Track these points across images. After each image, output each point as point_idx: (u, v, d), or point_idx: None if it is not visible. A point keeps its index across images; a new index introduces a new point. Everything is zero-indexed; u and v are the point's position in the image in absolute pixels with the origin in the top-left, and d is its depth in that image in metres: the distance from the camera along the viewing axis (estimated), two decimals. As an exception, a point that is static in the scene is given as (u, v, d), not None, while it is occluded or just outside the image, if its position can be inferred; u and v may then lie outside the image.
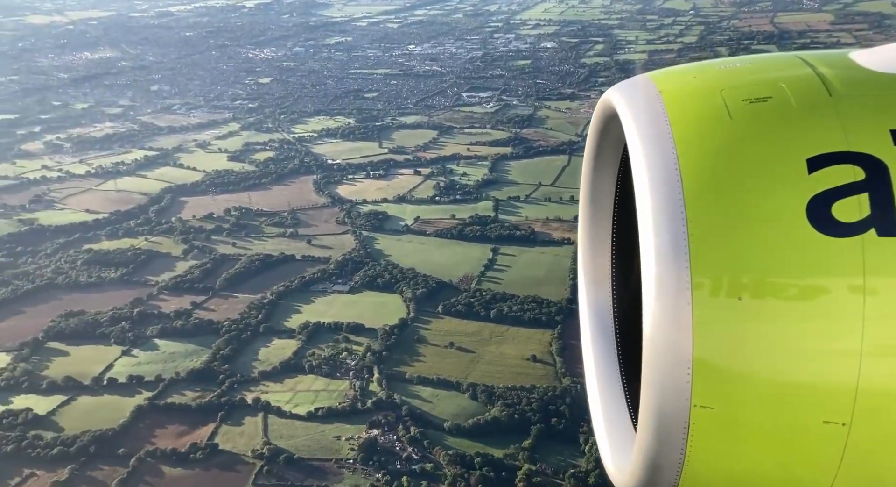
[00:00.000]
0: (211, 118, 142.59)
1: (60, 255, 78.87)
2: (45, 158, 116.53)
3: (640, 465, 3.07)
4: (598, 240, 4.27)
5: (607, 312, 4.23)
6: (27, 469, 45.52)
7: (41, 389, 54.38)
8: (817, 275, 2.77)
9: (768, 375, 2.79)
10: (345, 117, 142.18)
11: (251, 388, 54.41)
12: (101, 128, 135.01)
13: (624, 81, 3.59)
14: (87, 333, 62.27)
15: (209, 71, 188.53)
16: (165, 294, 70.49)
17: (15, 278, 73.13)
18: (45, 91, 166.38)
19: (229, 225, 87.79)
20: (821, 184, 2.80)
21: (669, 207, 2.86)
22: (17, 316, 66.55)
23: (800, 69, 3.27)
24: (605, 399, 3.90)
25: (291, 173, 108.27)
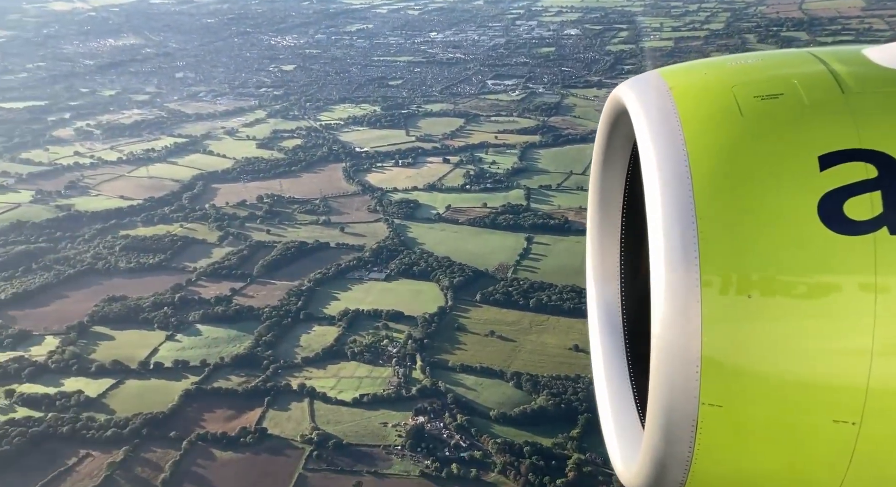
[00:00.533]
0: (237, 105, 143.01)
1: (98, 240, 79.86)
2: (76, 144, 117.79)
3: (648, 463, 3.03)
4: (607, 237, 4.23)
5: (615, 309, 4.19)
6: (83, 450, 46.43)
7: (90, 372, 55.31)
8: (828, 273, 2.73)
9: (777, 373, 2.75)
10: (370, 105, 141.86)
11: (295, 374, 54.88)
12: (129, 115, 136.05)
13: (634, 77, 3.55)
14: (130, 318, 63.11)
15: (233, 58, 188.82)
16: (204, 281, 71.14)
17: (56, 263, 74.22)
18: (73, 78, 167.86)
19: (262, 212, 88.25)
20: (832, 181, 2.76)
21: (679, 203, 2.82)
22: (62, 300, 67.62)
23: (812, 66, 3.22)
24: (613, 397, 3.87)
25: (320, 161, 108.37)
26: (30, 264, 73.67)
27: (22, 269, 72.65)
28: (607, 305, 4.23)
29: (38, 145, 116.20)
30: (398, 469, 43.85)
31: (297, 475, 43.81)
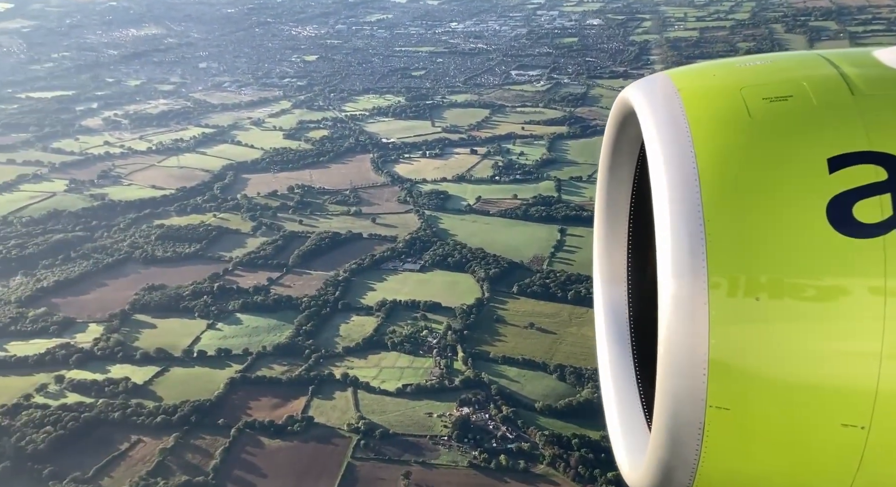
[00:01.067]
0: (261, 96, 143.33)
1: (134, 230, 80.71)
2: (105, 134, 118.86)
3: (654, 465, 3.00)
4: (614, 238, 4.20)
5: (622, 310, 4.15)
6: (134, 436, 47.17)
7: (135, 359, 56.07)
8: (837, 276, 2.70)
9: (785, 376, 2.72)
10: (394, 96, 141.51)
11: (336, 363, 55.22)
12: (155, 104, 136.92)
13: (642, 79, 3.50)
14: (170, 306, 63.80)
15: (255, 48, 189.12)
16: (240, 270, 71.69)
17: (94, 252, 75.15)
18: (98, 68, 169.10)
19: (294, 203, 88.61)
20: (842, 184, 2.73)
21: (686, 205, 2.79)
22: (102, 288, 68.52)
23: (822, 68, 3.19)
24: (620, 398, 3.84)
25: (348, 152, 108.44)
26: (68, 253, 74.67)
27: (61, 257, 73.67)
28: (614, 306, 4.20)
29: (68, 135, 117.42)
30: (446, 460, 44.03)
31: (345, 463, 44.17)
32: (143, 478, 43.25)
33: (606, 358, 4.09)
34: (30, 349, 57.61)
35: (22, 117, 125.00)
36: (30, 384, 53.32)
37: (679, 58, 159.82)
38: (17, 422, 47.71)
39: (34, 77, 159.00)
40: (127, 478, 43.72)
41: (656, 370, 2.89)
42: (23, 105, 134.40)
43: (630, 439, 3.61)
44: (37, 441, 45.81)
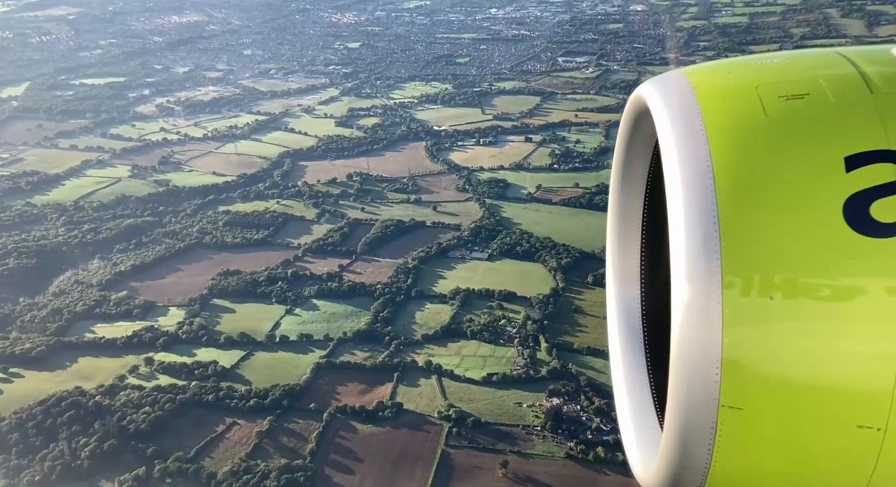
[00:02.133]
0: (308, 83, 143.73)
1: (200, 215, 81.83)
2: (160, 120, 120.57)
3: (666, 465, 2.95)
4: (628, 236, 4.12)
5: (635, 309, 4.09)
6: (228, 418, 48.01)
7: (219, 343, 56.98)
8: (853, 276, 2.65)
9: (800, 377, 2.67)
10: (440, 83, 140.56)
11: (416, 350, 55.35)
12: (206, 91, 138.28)
13: (657, 77, 3.43)
14: (247, 291, 64.61)
15: (297, 36, 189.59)
16: (309, 257, 72.22)
17: (165, 237, 76.44)
18: (145, 55, 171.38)
19: (354, 190, 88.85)
20: (859, 183, 2.69)
21: (701, 204, 2.75)
22: (176, 273, 69.72)
23: (839, 65, 3.12)
24: (632, 397, 3.75)
25: (401, 139, 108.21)
26: (140, 238, 76.08)
27: (134, 242, 75.10)
28: (627, 305, 4.13)
29: (125, 121, 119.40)
30: (541, 450, 43.85)
31: (439, 451, 44.31)
32: (242, 460, 43.98)
33: (619, 357, 4.01)
34: (116, 332, 58.96)
35: (78, 104, 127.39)
36: (120, 365, 54.63)
37: (731, 44, 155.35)
38: (116, 402, 48.92)
39: (85, 64, 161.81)
40: (227, 460, 44.54)
41: (669, 370, 2.82)
42: (77, 92, 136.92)
43: (642, 438, 3.55)
44: (137, 421, 46.94)
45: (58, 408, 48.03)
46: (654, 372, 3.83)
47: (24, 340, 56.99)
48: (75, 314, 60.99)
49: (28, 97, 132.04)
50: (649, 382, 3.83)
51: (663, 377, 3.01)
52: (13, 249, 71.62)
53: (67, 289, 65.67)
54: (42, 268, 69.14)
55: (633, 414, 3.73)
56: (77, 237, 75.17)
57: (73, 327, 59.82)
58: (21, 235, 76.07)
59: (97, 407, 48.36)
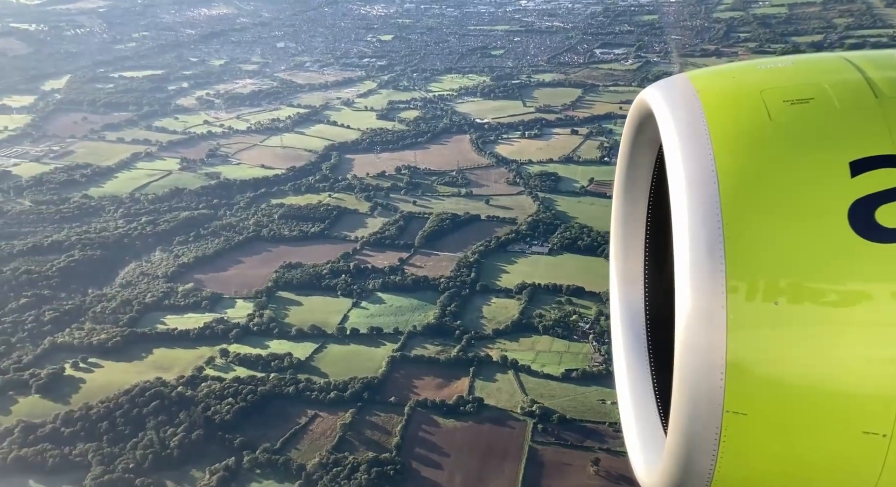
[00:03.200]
0: (344, 76, 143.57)
1: (255, 208, 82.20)
2: (201, 113, 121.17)
3: (670, 469, 2.95)
4: (632, 239, 4.12)
5: (639, 312, 4.08)
6: (310, 410, 48.27)
7: (290, 335, 57.28)
8: (859, 281, 2.65)
9: (805, 382, 2.68)
10: (478, 75, 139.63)
11: (488, 345, 55.18)
12: (243, 84, 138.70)
13: (661, 81, 3.42)
14: (312, 284, 64.83)
15: (328, 28, 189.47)
16: (368, 250, 72.26)
17: (222, 230, 76.88)
18: (179, 47, 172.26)
19: (403, 183, 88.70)
20: (864, 188, 2.68)
21: (705, 208, 2.76)
22: (238, 266, 70.14)
23: (844, 70, 3.13)
24: (636, 401, 3.76)
25: (444, 132, 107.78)
26: (197, 230, 76.61)
27: (193, 234, 75.64)
28: (631, 308, 4.11)
29: (167, 114, 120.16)
30: (629, 446, 43.42)
31: (527, 447, 44.18)
32: (329, 452, 44.20)
33: (623, 361, 3.99)
34: (186, 323, 59.49)
35: (120, 97, 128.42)
36: (196, 356, 55.14)
37: (772, 35, 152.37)
38: (198, 393, 49.38)
39: (122, 57, 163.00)
40: (313, 452, 44.81)
41: (673, 373, 2.80)
42: (118, 84, 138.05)
43: (646, 443, 3.53)
44: (222, 412, 47.35)
45: (142, 398, 48.63)
46: (658, 376, 3.81)
47: (99, 331, 57.71)
48: (145, 306, 61.65)
49: (70, 90, 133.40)
50: (653, 386, 3.80)
51: (667, 382, 2.98)
52: (77, 240, 72.51)
53: (134, 280, 66.39)
54: (106, 259, 69.94)
55: (636, 418, 3.71)
56: (137, 229, 75.90)
57: (144, 318, 60.47)
58: (82, 226, 77.00)
59: (180, 398, 48.86)
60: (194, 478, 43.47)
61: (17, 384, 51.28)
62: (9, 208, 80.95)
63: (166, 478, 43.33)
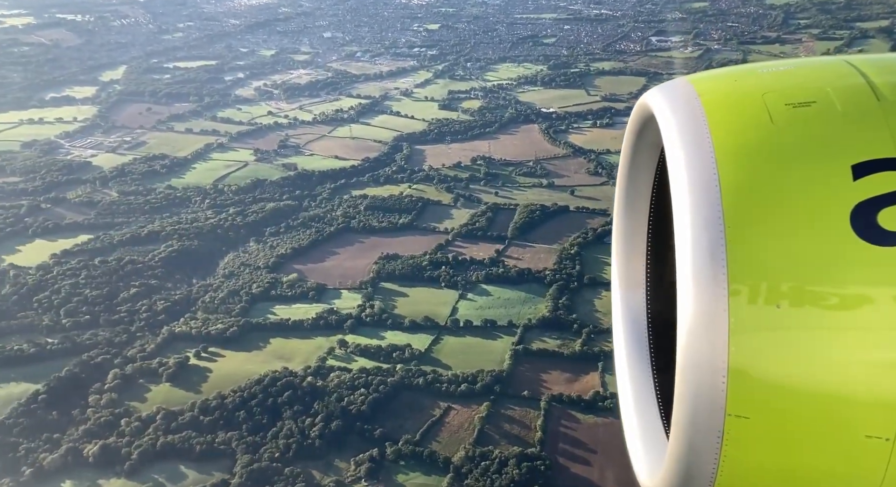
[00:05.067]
0: (397, 66, 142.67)
1: (338, 199, 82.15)
2: (262, 104, 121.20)
3: (672, 473, 2.95)
4: (633, 243, 4.10)
5: (641, 316, 4.07)
6: (442, 403, 48.21)
7: (404, 326, 57.22)
8: (861, 284, 2.65)
9: (807, 386, 2.66)
10: (533, 64, 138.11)
11: (609, 339, 54.60)
12: (298, 74, 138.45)
13: (662, 84, 3.42)
14: (414, 275, 64.70)
15: (372, 17, 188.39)
16: (460, 241, 71.90)
17: (311, 221, 76.95)
18: (226, 38, 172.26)
19: (482, 174, 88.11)
20: (866, 191, 2.68)
21: (707, 211, 2.76)
22: (334, 257, 70.22)
23: (846, 73, 3.12)
24: (638, 405, 3.73)
25: (511, 122, 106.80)
26: (287, 221, 76.74)
27: (283, 226, 75.82)
28: (632, 312, 4.09)
29: (228, 105, 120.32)
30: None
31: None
32: (472, 445, 44.10)
33: (625, 364, 3.95)
34: (296, 313, 59.69)
35: (179, 87, 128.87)
36: (314, 346, 55.34)
37: (834, 21, 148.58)
38: (329, 383, 49.55)
39: (172, 47, 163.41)
40: (454, 445, 44.76)
41: (675, 376, 2.79)
42: (174, 75, 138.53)
43: (648, 446, 3.49)
44: (356, 402, 47.47)
45: (274, 388, 48.90)
46: (659, 379, 3.79)
47: (214, 321, 58.13)
48: (253, 296, 61.94)
49: (129, 80, 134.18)
50: (655, 389, 3.79)
51: (669, 385, 2.95)
52: (172, 231, 73.04)
53: (236, 271, 66.73)
54: (204, 250, 70.38)
55: (638, 421, 3.70)
56: (227, 220, 76.22)
57: (254, 308, 60.80)
58: (172, 217, 77.53)
59: (311, 388, 49.07)
60: (339, 469, 43.67)
61: (145, 373, 51.88)
62: (98, 198, 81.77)
63: (310, 468, 43.58)
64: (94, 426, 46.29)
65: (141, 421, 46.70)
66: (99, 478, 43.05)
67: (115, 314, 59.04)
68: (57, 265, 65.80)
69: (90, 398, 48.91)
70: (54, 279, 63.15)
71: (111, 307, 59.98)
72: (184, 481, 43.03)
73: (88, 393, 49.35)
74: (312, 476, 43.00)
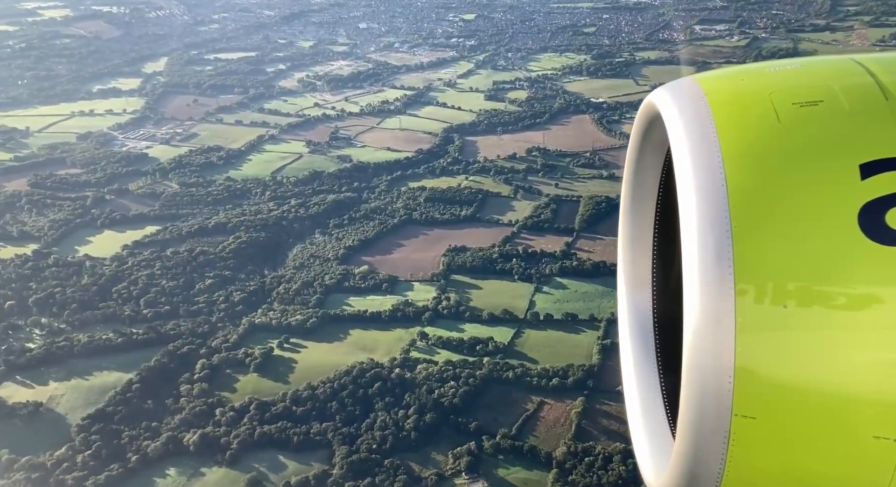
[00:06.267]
0: (437, 57, 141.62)
1: (396, 191, 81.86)
2: (306, 95, 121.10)
3: (678, 473, 2.96)
4: (640, 243, 4.12)
5: (647, 316, 4.09)
6: (534, 397, 47.91)
7: (482, 319, 56.94)
8: (869, 284, 2.64)
9: (814, 386, 2.66)
10: (575, 54, 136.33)
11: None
12: (339, 66, 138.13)
13: (669, 83, 3.42)
14: (485, 268, 64.30)
15: (406, 7, 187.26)
16: (526, 233, 71.31)
17: (372, 213, 76.79)
18: (262, 29, 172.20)
19: (538, 166, 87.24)
20: (874, 190, 2.67)
21: (713, 211, 2.76)
22: (401, 249, 70.04)
23: (854, 72, 3.13)
24: (644, 405, 3.76)
25: (561, 113, 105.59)
26: (349, 213, 76.65)
27: (346, 217, 75.75)
28: (638, 312, 4.12)
29: (273, 96, 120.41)
30: None
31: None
32: (571, 440, 43.74)
33: (631, 363, 3.98)
34: (371, 305, 59.68)
35: (223, 79, 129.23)
36: (394, 338, 55.29)
37: (886, 7, 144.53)
38: (417, 375, 49.46)
39: (209, 39, 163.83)
40: (552, 439, 44.49)
41: (681, 377, 2.80)
42: (216, 67, 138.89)
43: (654, 446, 3.50)
44: (447, 395, 47.32)
45: (364, 379, 48.94)
46: (665, 379, 3.77)
47: (292, 312, 58.31)
48: (326, 288, 62.02)
49: (171, 72, 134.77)
50: (661, 389, 3.77)
51: (675, 385, 2.93)
52: (239, 222, 73.34)
53: (306, 262, 66.85)
54: (271, 241, 70.60)
55: (644, 421, 3.68)
56: (290, 212, 76.33)
57: (328, 299, 60.89)
58: (234, 209, 77.84)
59: (400, 380, 49.02)
60: (436, 461, 43.61)
61: (232, 363, 52.23)
62: (160, 190, 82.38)
63: (408, 460, 43.57)
64: (189, 415, 46.73)
65: (235, 411, 47.03)
66: (200, 466, 43.47)
67: (193, 304, 59.48)
68: (130, 256, 66.43)
69: (181, 387, 49.36)
70: (130, 270, 63.75)
71: (189, 297, 60.44)
72: (284, 471, 43.28)
73: (178, 383, 49.81)
74: (411, 468, 42.98)
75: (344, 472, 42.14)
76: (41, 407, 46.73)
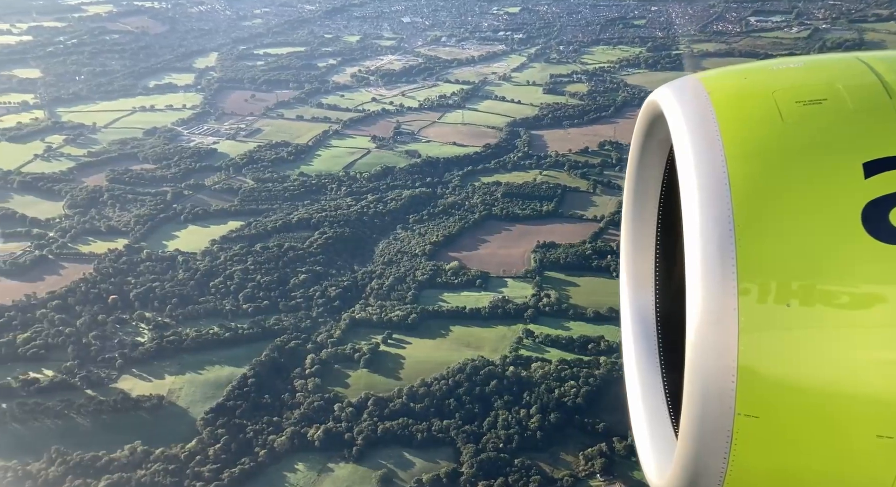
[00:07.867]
0: (486, 50, 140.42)
1: (470, 187, 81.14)
2: (361, 90, 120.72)
3: (681, 472, 2.97)
4: (642, 242, 4.12)
5: (650, 315, 4.06)
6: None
7: (587, 317, 56.17)
8: (872, 283, 2.63)
9: (817, 385, 2.66)
10: (629, 46, 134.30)
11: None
12: (389, 60, 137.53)
13: (671, 82, 3.37)
14: (579, 264, 63.45)
15: (448, 1, 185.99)
16: (613, 230, 70.17)
17: (451, 209, 76.18)
18: (306, 24, 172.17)
19: (614, 160, 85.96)
20: (878, 189, 2.66)
21: (716, 210, 2.76)
22: (486, 245, 69.39)
23: (858, 70, 3.10)
24: (647, 404, 3.74)
25: (626, 106, 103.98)
26: (428, 209, 76.13)
27: (425, 213, 75.23)
28: (641, 311, 4.10)
29: (329, 91, 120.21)
30: None
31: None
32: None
33: (633, 362, 3.95)
34: (465, 301, 59.14)
35: (276, 74, 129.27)
36: (497, 335, 54.70)
37: None
38: (534, 374, 48.84)
39: (255, 33, 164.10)
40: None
41: (684, 376, 2.80)
42: (267, 62, 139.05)
43: (657, 445, 3.49)
44: (570, 395, 46.64)
45: (478, 376, 48.43)
46: (668, 378, 3.75)
47: (390, 307, 57.98)
48: (419, 283, 61.61)
49: (224, 67, 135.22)
50: (664, 388, 3.75)
51: (678, 384, 2.93)
52: (321, 218, 73.21)
53: (394, 258, 66.50)
54: (356, 237, 70.38)
55: (647, 421, 3.68)
56: (369, 207, 76.05)
57: (423, 295, 60.48)
58: (313, 204, 77.75)
59: (517, 378, 48.43)
60: (566, 462, 42.99)
61: (340, 359, 52.07)
62: (237, 185, 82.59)
63: (536, 460, 43.02)
64: (308, 410, 46.65)
65: (353, 407, 46.83)
66: (328, 462, 43.34)
67: (291, 299, 59.43)
68: (221, 251, 66.60)
69: (295, 382, 49.29)
70: (224, 265, 63.91)
71: (285, 292, 60.41)
72: (411, 468, 42.99)
73: (291, 378, 49.75)
74: (541, 468, 42.41)
75: (475, 471, 41.70)
76: (164, 401, 47.00)
